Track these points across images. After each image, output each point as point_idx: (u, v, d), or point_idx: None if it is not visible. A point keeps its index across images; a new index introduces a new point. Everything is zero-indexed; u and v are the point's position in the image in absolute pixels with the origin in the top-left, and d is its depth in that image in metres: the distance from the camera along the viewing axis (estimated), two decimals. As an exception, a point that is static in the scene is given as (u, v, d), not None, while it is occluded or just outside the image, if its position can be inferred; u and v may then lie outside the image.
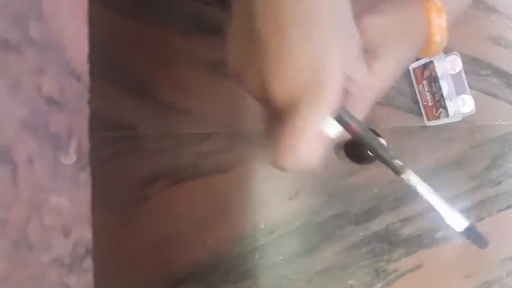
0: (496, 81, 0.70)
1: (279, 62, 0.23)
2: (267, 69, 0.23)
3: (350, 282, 0.63)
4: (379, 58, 0.32)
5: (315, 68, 0.23)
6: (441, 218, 0.31)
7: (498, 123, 0.69)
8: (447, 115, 0.60)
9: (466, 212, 0.66)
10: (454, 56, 0.64)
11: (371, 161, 0.56)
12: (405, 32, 0.33)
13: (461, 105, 0.59)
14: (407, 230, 0.65)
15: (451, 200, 0.66)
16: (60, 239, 0.16)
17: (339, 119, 0.27)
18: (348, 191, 0.63)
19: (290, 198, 0.62)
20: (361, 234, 0.63)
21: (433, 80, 0.62)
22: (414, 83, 0.66)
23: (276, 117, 0.25)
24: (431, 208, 0.31)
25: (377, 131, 0.57)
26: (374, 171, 0.64)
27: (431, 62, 0.62)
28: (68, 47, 0.16)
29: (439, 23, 0.33)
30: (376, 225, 0.64)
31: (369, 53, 0.31)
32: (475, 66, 0.69)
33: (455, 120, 0.62)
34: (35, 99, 0.15)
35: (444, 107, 0.60)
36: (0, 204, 0.13)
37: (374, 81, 0.31)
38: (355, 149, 0.57)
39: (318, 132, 0.25)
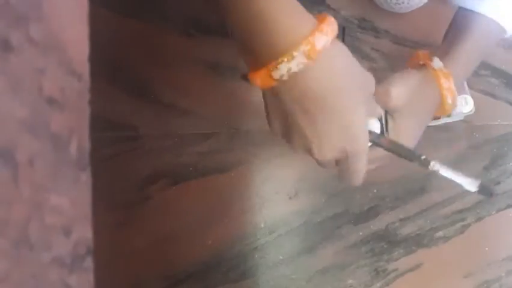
0: (495, 82, 0.70)
1: (316, 140, 0.33)
2: (307, 142, 0.33)
3: (350, 281, 0.63)
4: (404, 116, 0.41)
5: (346, 138, 0.33)
6: (460, 186, 0.38)
7: (497, 123, 0.69)
8: (449, 114, 0.60)
9: (465, 211, 0.67)
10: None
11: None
12: (423, 97, 0.41)
13: (462, 104, 0.59)
14: (407, 230, 0.65)
15: (450, 200, 0.66)
16: (61, 238, 0.16)
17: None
18: (347, 191, 0.63)
19: (290, 198, 0.62)
20: (360, 233, 0.64)
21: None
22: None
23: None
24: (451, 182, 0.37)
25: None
26: (373, 171, 0.64)
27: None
28: (69, 47, 0.16)
29: (448, 86, 0.41)
30: (375, 224, 0.64)
31: (395, 114, 0.41)
32: (474, 66, 0.69)
33: (456, 120, 0.62)
34: (36, 100, 0.15)
35: (445, 107, 0.60)
36: (0, 204, 0.13)
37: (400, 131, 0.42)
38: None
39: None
